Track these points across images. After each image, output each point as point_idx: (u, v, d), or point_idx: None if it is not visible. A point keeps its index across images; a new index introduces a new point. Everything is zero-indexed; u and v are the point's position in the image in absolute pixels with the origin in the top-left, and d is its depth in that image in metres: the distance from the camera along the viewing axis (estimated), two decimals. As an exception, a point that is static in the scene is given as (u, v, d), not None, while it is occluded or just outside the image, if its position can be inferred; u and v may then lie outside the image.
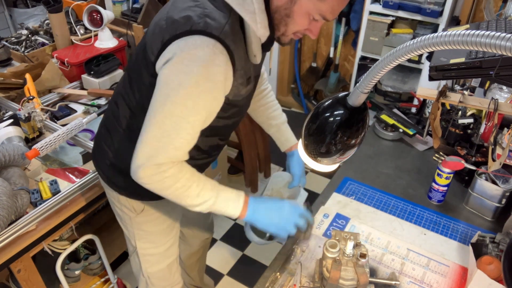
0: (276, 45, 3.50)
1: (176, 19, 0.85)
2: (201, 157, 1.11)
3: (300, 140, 0.82)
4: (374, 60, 2.43)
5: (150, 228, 1.21)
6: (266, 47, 0.95)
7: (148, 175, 0.90)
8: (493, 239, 1.07)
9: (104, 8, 2.29)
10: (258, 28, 0.86)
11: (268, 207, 1.02)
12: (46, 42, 2.16)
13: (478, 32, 0.47)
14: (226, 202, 0.98)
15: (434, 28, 2.49)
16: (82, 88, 1.87)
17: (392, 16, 2.55)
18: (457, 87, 1.53)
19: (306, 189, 1.34)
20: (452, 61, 1.00)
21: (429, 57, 1.59)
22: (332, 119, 0.71)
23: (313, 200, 1.30)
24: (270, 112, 1.33)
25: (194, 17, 0.83)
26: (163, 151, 0.87)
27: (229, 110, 0.99)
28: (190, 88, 0.83)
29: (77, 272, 1.70)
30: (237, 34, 0.87)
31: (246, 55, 0.92)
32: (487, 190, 1.20)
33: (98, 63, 1.81)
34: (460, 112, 1.43)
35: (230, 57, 0.85)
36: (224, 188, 0.99)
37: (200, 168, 1.14)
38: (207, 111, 0.89)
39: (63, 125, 1.52)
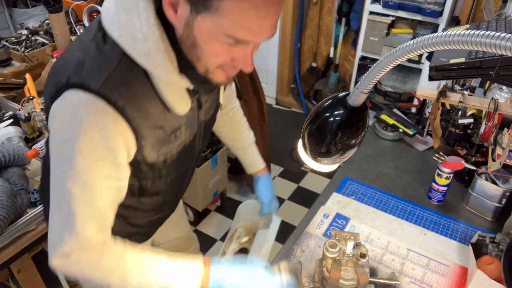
0: (275, 45, 3.48)
1: (57, 68, 0.73)
2: (147, 215, 0.98)
3: (300, 140, 0.82)
4: (374, 60, 2.42)
5: None
6: (204, 87, 0.79)
7: (60, 266, 0.75)
8: (493, 239, 1.07)
9: (104, 8, 2.29)
10: (160, 73, 0.69)
11: (235, 278, 0.82)
12: (46, 42, 2.16)
13: (478, 32, 0.47)
14: (180, 280, 0.80)
15: (434, 28, 2.49)
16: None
17: (392, 16, 2.55)
18: (457, 87, 1.53)
19: (305, 189, 1.33)
20: (452, 61, 1.00)
21: (429, 57, 1.59)
22: (332, 119, 0.71)
23: (313, 200, 1.30)
24: (236, 133, 1.22)
25: (71, 66, 0.69)
26: (65, 237, 0.72)
27: (162, 170, 0.85)
28: (77, 159, 0.68)
29: (77, 272, 1.70)
30: (137, 82, 0.70)
31: (162, 105, 0.75)
32: (487, 190, 1.20)
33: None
34: (460, 112, 1.43)
35: (122, 115, 0.68)
36: (173, 265, 0.80)
37: (158, 222, 1.06)
38: (108, 181, 0.73)
39: (63, 125, 1.52)
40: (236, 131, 1.23)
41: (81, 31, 2.17)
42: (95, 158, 0.69)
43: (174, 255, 0.82)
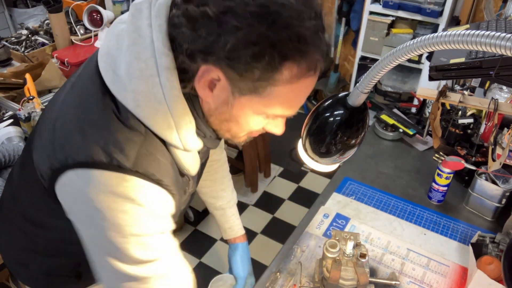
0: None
1: (59, 141, 0.64)
2: None
3: (300, 140, 0.82)
4: (374, 60, 2.42)
5: None
6: (214, 145, 0.76)
7: None
8: (493, 239, 1.07)
9: (104, 8, 2.29)
10: (182, 144, 0.65)
11: None
12: (46, 42, 2.16)
13: (478, 32, 0.47)
14: None
15: (434, 28, 2.49)
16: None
17: (392, 16, 2.55)
18: (457, 87, 1.53)
19: (305, 189, 1.30)
20: (452, 61, 1.00)
21: (429, 57, 1.59)
22: (332, 119, 0.71)
23: (313, 200, 1.30)
24: (218, 190, 1.12)
25: (83, 141, 0.61)
26: None
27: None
28: (132, 230, 0.62)
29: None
30: (159, 153, 0.66)
31: (175, 168, 0.71)
32: (487, 190, 1.20)
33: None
34: (460, 112, 1.43)
35: (161, 186, 0.65)
36: None
37: None
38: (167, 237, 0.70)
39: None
40: (218, 188, 1.12)
41: (81, 31, 2.17)
42: (155, 232, 0.65)
43: None
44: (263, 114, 0.64)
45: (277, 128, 0.70)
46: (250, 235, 2.35)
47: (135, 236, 0.63)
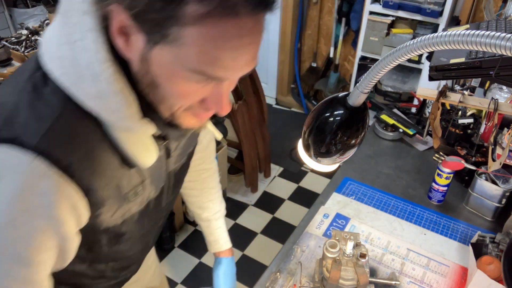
0: (275, 45, 3.47)
1: None
2: (102, 281, 0.82)
3: (300, 140, 0.82)
4: (374, 60, 2.42)
5: None
6: (173, 132, 0.63)
7: None
8: (493, 239, 1.07)
9: (104, 8, 2.29)
10: (117, 120, 0.55)
11: None
12: (46, 42, 2.16)
13: (478, 32, 0.47)
14: None
15: (434, 28, 2.49)
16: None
17: (392, 16, 2.55)
18: (457, 87, 1.53)
19: (305, 189, 1.30)
20: (452, 61, 1.00)
21: (429, 57, 1.58)
22: (332, 119, 0.71)
23: (313, 200, 1.30)
24: (205, 201, 1.04)
25: (1, 114, 0.54)
26: None
27: (120, 234, 0.71)
28: (9, 231, 0.54)
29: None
30: (87, 133, 0.56)
31: (119, 158, 0.60)
32: (487, 190, 1.20)
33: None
34: (460, 112, 1.43)
35: (69, 176, 0.54)
36: None
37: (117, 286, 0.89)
38: (48, 253, 0.58)
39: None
40: (206, 199, 1.04)
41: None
42: (33, 230, 0.54)
43: None
44: (185, 72, 0.51)
45: (217, 103, 0.57)
46: (250, 235, 2.35)
47: (11, 235, 0.54)
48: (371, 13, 2.58)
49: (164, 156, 0.72)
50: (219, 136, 0.84)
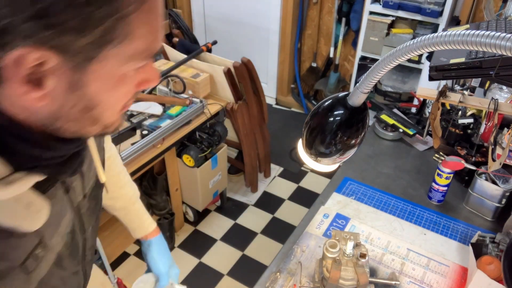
0: (275, 45, 3.48)
1: None
2: None
3: (300, 140, 0.82)
4: (374, 60, 2.42)
5: None
6: (63, 172, 0.52)
7: None
8: (493, 239, 1.07)
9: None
10: None
11: None
12: (46, 42, 2.16)
13: (478, 32, 0.47)
14: None
15: (434, 28, 2.49)
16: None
17: (392, 16, 2.55)
18: (457, 87, 1.53)
19: (305, 189, 1.28)
20: (452, 61, 1.00)
21: (429, 57, 1.59)
22: (332, 119, 0.71)
23: (313, 200, 1.30)
24: (114, 190, 0.92)
25: None
26: None
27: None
28: None
29: (77, 272, 1.70)
30: None
31: None
32: (487, 190, 1.20)
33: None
34: (460, 112, 1.43)
35: None
36: None
37: None
38: None
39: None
40: (116, 186, 0.92)
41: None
42: None
43: None
44: (129, 65, 0.46)
45: (154, 75, 0.51)
46: (250, 235, 2.35)
47: None
48: (371, 13, 2.58)
49: (62, 193, 0.58)
50: None
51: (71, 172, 0.54)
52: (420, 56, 2.53)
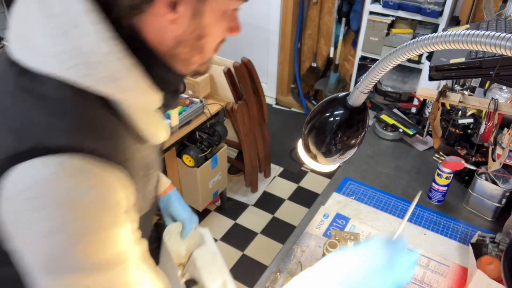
0: (275, 45, 3.47)
1: None
2: None
3: (300, 140, 0.82)
4: (374, 60, 2.43)
5: None
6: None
7: None
8: (493, 239, 1.07)
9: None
10: (132, 97, 0.55)
11: None
12: (46, 42, 2.16)
13: (478, 32, 0.47)
14: None
15: (434, 28, 2.49)
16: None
17: (392, 16, 2.55)
18: (457, 87, 1.53)
19: (305, 189, 1.30)
20: (452, 61, 1.00)
21: (429, 57, 1.59)
22: (332, 119, 0.71)
23: (313, 200, 1.30)
24: None
25: (10, 132, 0.49)
26: None
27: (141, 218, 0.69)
28: (73, 249, 0.48)
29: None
30: (102, 119, 0.54)
31: (135, 138, 0.59)
32: (487, 190, 1.20)
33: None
34: (460, 112, 1.43)
35: (109, 163, 0.52)
36: None
37: None
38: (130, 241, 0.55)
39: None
40: None
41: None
42: (94, 232, 0.50)
43: None
44: (232, 1, 0.56)
45: (237, 24, 0.59)
46: (250, 235, 2.35)
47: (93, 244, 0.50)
48: (371, 13, 2.58)
49: None
50: None
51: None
52: (420, 56, 2.53)
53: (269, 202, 2.58)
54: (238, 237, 2.33)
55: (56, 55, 0.50)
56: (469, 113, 1.42)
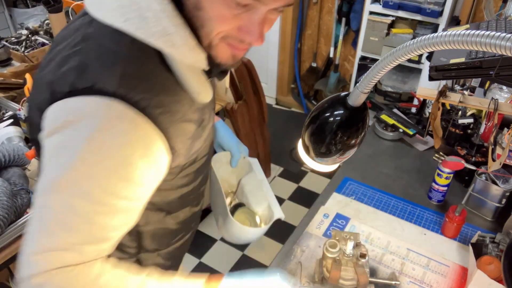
0: (275, 45, 3.47)
1: (48, 80, 0.59)
2: (178, 238, 0.89)
3: (300, 140, 0.82)
4: (374, 60, 2.42)
5: None
6: (216, 67, 0.67)
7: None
8: (493, 239, 1.07)
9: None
10: (182, 53, 0.60)
11: None
12: (46, 42, 2.16)
13: (478, 32, 0.47)
14: None
15: (434, 28, 2.49)
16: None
17: (392, 16, 2.55)
18: (457, 87, 1.53)
19: (305, 189, 1.30)
20: (452, 61, 1.00)
21: (429, 57, 1.59)
22: (332, 119, 0.71)
23: (313, 200, 1.30)
24: None
25: (69, 73, 0.57)
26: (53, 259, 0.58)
27: (190, 174, 0.77)
28: (80, 168, 0.56)
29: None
30: (156, 72, 0.60)
31: (185, 94, 0.65)
32: (487, 190, 1.20)
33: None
34: (460, 112, 1.43)
35: (148, 116, 0.58)
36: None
37: (179, 254, 0.94)
38: (118, 200, 0.59)
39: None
40: None
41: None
42: (103, 170, 0.57)
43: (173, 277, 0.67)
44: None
45: (251, 31, 0.59)
46: (250, 235, 2.35)
47: (81, 172, 0.57)
48: (371, 13, 2.58)
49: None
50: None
51: (216, 73, 0.70)
52: (420, 56, 2.53)
53: (269, 202, 2.58)
54: (238, 237, 2.34)
55: (116, 8, 0.57)
56: (469, 113, 1.42)
